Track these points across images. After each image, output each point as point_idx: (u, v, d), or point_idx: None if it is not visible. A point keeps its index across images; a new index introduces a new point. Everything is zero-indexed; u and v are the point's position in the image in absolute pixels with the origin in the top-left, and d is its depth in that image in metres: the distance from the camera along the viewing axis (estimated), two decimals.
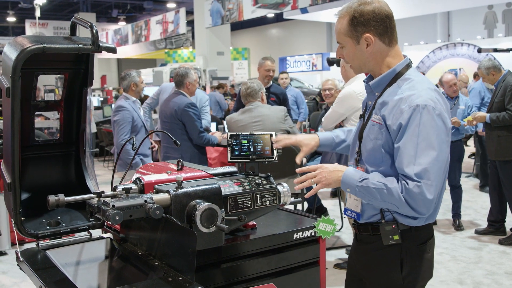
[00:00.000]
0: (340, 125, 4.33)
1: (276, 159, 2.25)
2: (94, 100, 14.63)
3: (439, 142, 1.86)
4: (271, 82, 6.18)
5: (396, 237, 1.98)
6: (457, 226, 5.89)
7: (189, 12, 22.95)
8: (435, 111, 1.86)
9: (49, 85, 14.85)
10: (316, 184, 2.02)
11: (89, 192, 2.54)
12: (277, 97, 6.13)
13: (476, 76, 11.03)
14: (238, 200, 2.10)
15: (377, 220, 2.03)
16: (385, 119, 1.93)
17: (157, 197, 1.94)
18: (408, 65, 2.02)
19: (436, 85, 11.32)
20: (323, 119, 4.66)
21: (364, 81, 2.13)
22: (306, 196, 2.06)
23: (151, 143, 5.86)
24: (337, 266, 4.69)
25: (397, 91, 1.94)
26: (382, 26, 1.96)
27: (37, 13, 19.04)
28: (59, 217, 2.48)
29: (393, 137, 1.91)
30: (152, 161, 5.63)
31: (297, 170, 2.16)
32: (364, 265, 2.14)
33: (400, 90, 1.94)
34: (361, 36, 1.96)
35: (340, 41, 2.04)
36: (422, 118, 1.84)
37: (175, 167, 2.44)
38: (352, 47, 2.00)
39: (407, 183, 1.83)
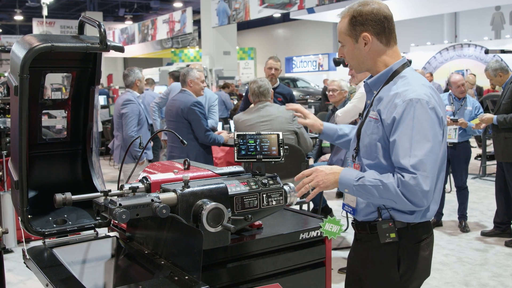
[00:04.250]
0: (356, 122, 4.31)
1: (283, 159, 2.25)
2: (101, 98, 14.66)
3: (433, 134, 1.90)
4: (278, 82, 6.11)
5: (392, 235, 2.01)
6: (463, 227, 5.86)
7: (196, 12, 23.00)
8: (428, 105, 1.90)
9: (56, 83, 14.91)
10: (314, 188, 2.05)
11: (95, 190, 2.56)
12: (284, 98, 6.08)
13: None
14: (245, 200, 2.10)
15: (375, 218, 2.07)
16: (380, 113, 1.99)
17: (163, 196, 1.94)
18: (405, 64, 2.08)
19: (447, 89, 11.15)
20: (339, 113, 4.59)
21: (364, 81, 2.19)
22: (306, 199, 2.06)
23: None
24: (341, 271, 4.67)
25: (392, 87, 2.01)
26: (380, 26, 2.03)
27: (44, 12, 19.07)
28: (65, 216, 2.49)
29: (387, 131, 1.96)
30: (152, 155, 5.92)
31: (295, 178, 2.16)
32: (362, 263, 2.18)
33: (396, 86, 2.00)
34: (360, 35, 2.04)
35: (341, 40, 2.11)
36: (415, 112, 1.88)
37: (181, 167, 2.45)
38: (351, 45, 2.08)
39: (403, 176, 1.86)
